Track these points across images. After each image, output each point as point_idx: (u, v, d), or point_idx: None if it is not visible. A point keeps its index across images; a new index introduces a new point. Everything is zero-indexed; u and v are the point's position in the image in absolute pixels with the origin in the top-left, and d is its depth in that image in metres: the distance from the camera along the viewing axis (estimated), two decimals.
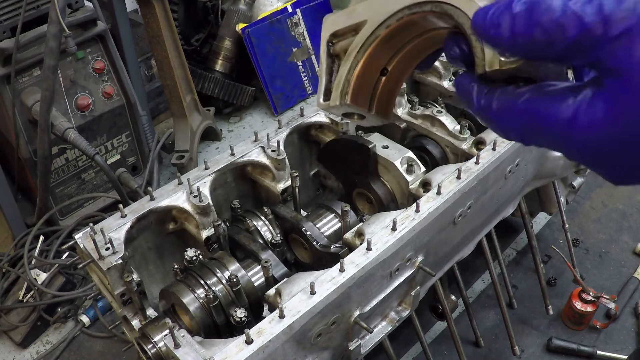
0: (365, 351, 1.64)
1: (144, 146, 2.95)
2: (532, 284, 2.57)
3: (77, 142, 2.39)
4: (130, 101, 2.79)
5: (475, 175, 1.68)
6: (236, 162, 1.79)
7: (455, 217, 1.69)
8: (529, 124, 0.58)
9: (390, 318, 1.71)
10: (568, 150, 0.57)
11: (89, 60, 2.65)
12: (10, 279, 2.52)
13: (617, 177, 0.58)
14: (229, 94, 3.57)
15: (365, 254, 1.44)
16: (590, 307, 2.32)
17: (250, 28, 3.53)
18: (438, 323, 2.38)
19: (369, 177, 1.82)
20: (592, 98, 0.53)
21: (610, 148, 0.53)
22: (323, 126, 1.98)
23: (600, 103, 0.52)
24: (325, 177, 2.13)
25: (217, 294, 1.45)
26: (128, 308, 1.54)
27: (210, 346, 1.29)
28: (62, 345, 2.41)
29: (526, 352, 2.35)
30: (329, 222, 1.77)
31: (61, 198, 2.77)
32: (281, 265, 1.60)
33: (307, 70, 3.83)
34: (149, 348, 1.38)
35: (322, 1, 3.89)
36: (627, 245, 2.78)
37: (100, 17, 2.60)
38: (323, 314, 1.37)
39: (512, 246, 2.79)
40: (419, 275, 1.66)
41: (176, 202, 1.65)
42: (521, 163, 1.89)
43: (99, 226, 1.55)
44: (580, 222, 2.91)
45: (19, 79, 2.45)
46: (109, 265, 1.44)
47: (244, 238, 1.67)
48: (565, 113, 0.55)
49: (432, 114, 1.96)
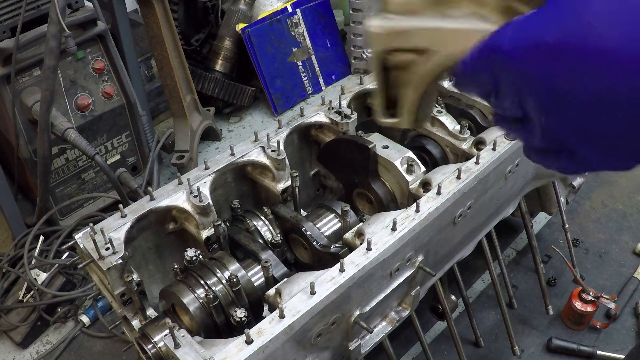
0: (365, 351, 1.64)
1: (144, 146, 2.95)
2: (532, 284, 2.57)
3: (77, 142, 2.39)
4: (130, 101, 2.79)
5: (475, 175, 1.68)
6: (236, 162, 1.79)
7: (455, 217, 1.69)
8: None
9: (390, 318, 1.71)
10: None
11: (89, 60, 2.65)
12: (10, 279, 2.52)
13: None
14: (229, 94, 3.57)
15: (365, 254, 1.44)
16: (590, 307, 2.32)
17: (250, 28, 3.53)
18: (438, 323, 2.38)
19: (369, 177, 1.82)
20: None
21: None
22: (323, 126, 1.98)
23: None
24: (325, 177, 2.13)
25: (217, 294, 1.45)
26: (128, 308, 1.54)
27: (210, 346, 1.29)
28: (62, 345, 2.41)
29: (526, 352, 2.35)
30: (329, 222, 1.77)
31: (61, 198, 2.77)
32: (281, 265, 1.60)
33: (307, 70, 3.83)
34: (149, 348, 1.38)
35: (322, 1, 3.89)
36: (627, 245, 2.78)
37: (100, 17, 2.60)
38: (323, 314, 1.37)
39: (512, 246, 2.79)
40: (419, 275, 1.66)
41: (176, 202, 1.65)
42: (521, 163, 1.90)
43: (99, 226, 1.55)
44: (580, 222, 2.91)
45: (19, 79, 2.45)
46: (109, 265, 1.45)
47: (244, 238, 1.67)
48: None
49: (432, 114, 1.96)
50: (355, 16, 3.79)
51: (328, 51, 3.93)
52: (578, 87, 0.55)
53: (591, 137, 0.59)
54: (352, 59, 3.98)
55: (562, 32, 0.55)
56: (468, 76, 0.67)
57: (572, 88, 0.56)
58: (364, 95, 2.12)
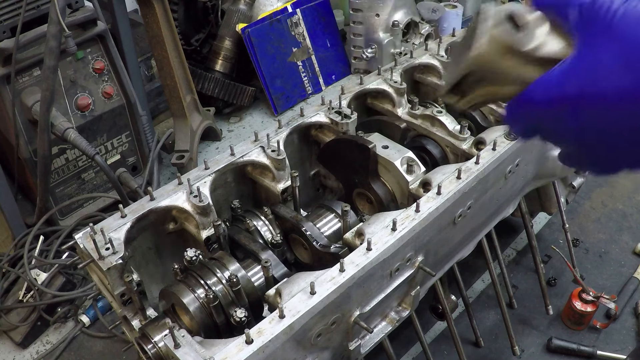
0: (365, 351, 1.64)
1: (144, 146, 2.95)
2: (532, 284, 2.57)
3: (77, 142, 2.39)
4: (130, 101, 2.79)
5: (475, 175, 1.68)
6: (236, 162, 1.79)
7: (455, 217, 1.69)
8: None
9: (390, 318, 1.71)
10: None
11: (89, 60, 2.65)
12: (10, 279, 2.52)
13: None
14: (229, 94, 3.57)
15: (365, 254, 1.44)
16: (590, 307, 2.32)
17: (250, 28, 3.53)
18: (438, 323, 2.38)
19: (369, 177, 1.82)
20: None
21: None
22: (323, 126, 1.98)
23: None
24: (325, 177, 2.13)
25: (217, 294, 1.45)
26: (128, 308, 1.54)
27: (210, 346, 1.29)
28: (62, 345, 2.42)
29: (526, 352, 2.35)
30: (329, 222, 1.77)
31: (61, 198, 2.77)
32: (281, 265, 1.60)
33: (307, 70, 3.83)
34: (149, 348, 1.38)
35: (322, 1, 3.89)
36: (627, 245, 2.78)
37: (100, 17, 2.60)
38: (323, 314, 1.37)
39: (512, 246, 2.79)
40: (419, 275, 1.66)
41: (176, 202, 1.65)
42: (521, 163, 1.90)
43: (99, 226, 1.55)
44: (580, 222, 2.91)
45: (19, 79, 2.45)
46: (109, 265, 1.44)
47: (244, 238, 1.67)
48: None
49: (432, 114, 1.96)
50: (355, 16, 3.79)
51: (328, 51, 3.93)
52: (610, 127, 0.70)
53: (620, 163, 0.75)
54: (352, 59, 3.98)
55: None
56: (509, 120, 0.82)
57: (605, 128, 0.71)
58: (364, 95, 2.12)
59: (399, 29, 3.72)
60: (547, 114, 0.74)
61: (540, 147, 2.00)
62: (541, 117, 0.76)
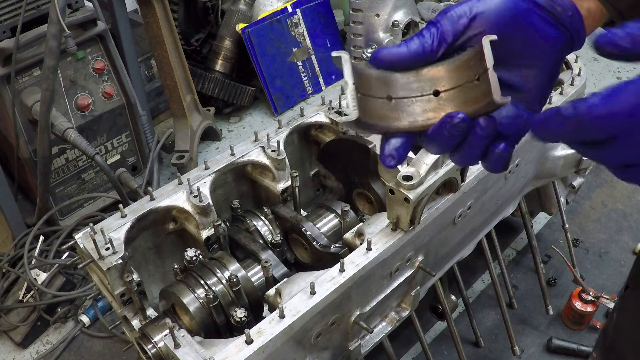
0: (365, 351, 1.64)
1: (144, 146, 2.95)
2: (532, 284, 2.57)
3: (77, 142, 2.39)
4: (130, 101, 2.79)
5: (475, 175, 1.68)
6: (236, 162, 1.79)
7: (455, 217, 1.69)
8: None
9: (390, 318, 1.71)
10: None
11: (89, 60, 2.65)
12: (10, 279, 2.52)
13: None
14: (229, 94, 3.57)
15: (365, 254, 1.44)
16: (590, 307, 2.32)
17: (250, 28, 3.53)
18: (438, 323, 2.38)
19: (369, 177, 1.82)
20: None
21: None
22: (323, 126, 1.98)
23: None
24: (325, 177, 2.13)
25: (217, 294, 1.45)
26: (128, 308, 1.54)
27: (210, 346, 1.29)
28: (62, 345, 2.42)
29: (526, 352, 2.35)
30: (329, 222, 1.77)
31: (61, 198, 2.77)
32: (281, 265, 1.60)
33: (307, 70, 3.83)
34: (149, 348, 1.38)
35: (322, 1, 3.89)
36: (627, 245, 2.78)
37: (100, 17, 2.60)
38: (323, 314, 1.37)
39: (512, 246, 2.79)
40: (419, 275, 1.66)
41: (176, 202, 1.65)
42: (521, 163, 1.90)
43: (99, 226, 1.55)
44: (580, 222, 2.91)
45: (19, 79, 2.45)
46: (109, 265, 1.44)
47: (244, 238, 1.67)
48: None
49: None
50: (355, 16, 3.78)
51: (328, 51, 3.93)
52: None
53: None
54: (352, 59, 3.97)
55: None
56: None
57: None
58: None
59: (399, 29, 3.71)
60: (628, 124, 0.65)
61: (540, 147, 2.00)
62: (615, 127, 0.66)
